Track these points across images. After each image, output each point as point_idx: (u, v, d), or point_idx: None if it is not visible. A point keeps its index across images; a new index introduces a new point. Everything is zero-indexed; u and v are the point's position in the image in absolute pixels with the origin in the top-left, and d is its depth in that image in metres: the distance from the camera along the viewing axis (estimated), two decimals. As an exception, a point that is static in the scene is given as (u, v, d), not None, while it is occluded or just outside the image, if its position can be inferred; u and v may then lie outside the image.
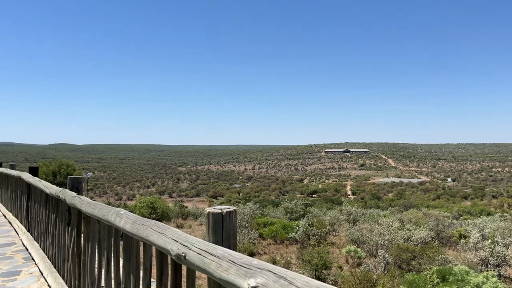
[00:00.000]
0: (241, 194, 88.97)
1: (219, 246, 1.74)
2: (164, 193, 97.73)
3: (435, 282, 9.88)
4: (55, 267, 5.03)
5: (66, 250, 4.47)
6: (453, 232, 18.94)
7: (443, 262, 12.64)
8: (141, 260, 2.71)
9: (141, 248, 2.71)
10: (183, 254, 1.85)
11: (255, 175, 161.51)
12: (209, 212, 1.93)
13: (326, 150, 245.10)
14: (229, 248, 1.77)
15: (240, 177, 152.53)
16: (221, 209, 1.93)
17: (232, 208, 1.96)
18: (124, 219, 2.66)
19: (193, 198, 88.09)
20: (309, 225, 18.21)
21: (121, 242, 3.14)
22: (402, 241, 15.85)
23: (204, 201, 78.02)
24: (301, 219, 19.56)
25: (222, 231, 1.90)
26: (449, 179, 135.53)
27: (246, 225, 18.95)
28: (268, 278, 1.32)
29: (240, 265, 1.49)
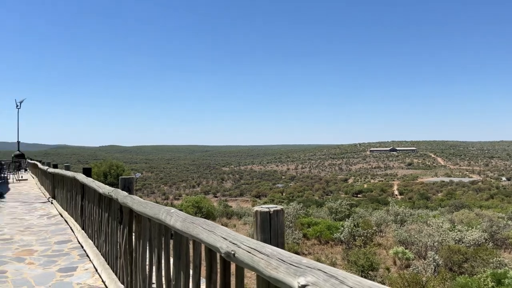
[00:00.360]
0: (284, 194, 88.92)
1: (267, 245, 1.76)
2: (208, 192, 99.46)
3: (489, 285, 9.44)
4: (108, 264, 5.24)
5: (118, 247, 4.64)
6: (509, 233, 17.98)
7: (498, 265, 12.04)
8: (190, 258, 2.78)
9: (190, 246, 2.77)
10: (233, 252, 1.88)
11: (298, 175, 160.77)
12: (257, 211, 1.96)
13: (371, 149, 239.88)
14: (277, 247, 1.79)
15: (283, 177, 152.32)
16: (268, 208, 1.95)
17: (279, 207, 1.97)
18: (175, 217, 2.74)
19: (236, 198, 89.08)
20: (354, 225, 17.92)
21: (170, 240, 3.24)
22: (453, 243, 15.25)
23: (247, 200, 78.66)
24: (346, 220, 19.28)
25: (270, 230, 1.92)
26: (504, 178, 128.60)
27: (290, 225, 18.92)
28: (318, 277, 1.32)
29: (290, 264, 1.50)
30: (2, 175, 23.07)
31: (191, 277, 2.69)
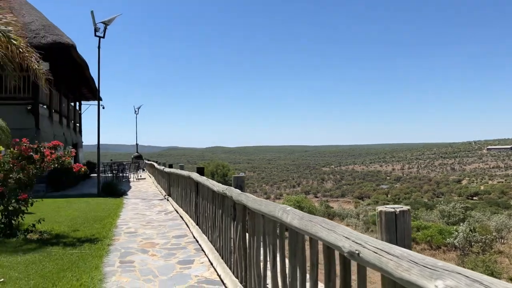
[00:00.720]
0: (389, 196, 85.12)
1: (395, 246, 1.71)
2: (309, 192, 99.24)
3: None
4: (222, 258, 5.51)
5: (232, 243, 4.86)
6: None
7: None
8: (306, 255, 2.81)
9: (306, 243, 2.80)
10: (357, 252, 1.86)
11: (405, 175, 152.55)
12: (381, 211, 1.91)
13: (489, 147, 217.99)
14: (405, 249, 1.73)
15: (388, 177, 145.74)
16: (394, 208, 1.90)
17: (405, 207, 1.91)
18: (291, 215, 2.80)
19: (338, 199, 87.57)
20: (470, 230, 16.53)
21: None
22: None
23: (349, 201, 76.93)
24: (461, 224, 17.88)
25: (396, 231, 1.87)
26: None
27: (398, 227, 18.10)
28: (459, 281, 1.25)
29: (423, 266, 1.45)
30: (124, 174, 25.62)
31: (308, 275, 2.72)
